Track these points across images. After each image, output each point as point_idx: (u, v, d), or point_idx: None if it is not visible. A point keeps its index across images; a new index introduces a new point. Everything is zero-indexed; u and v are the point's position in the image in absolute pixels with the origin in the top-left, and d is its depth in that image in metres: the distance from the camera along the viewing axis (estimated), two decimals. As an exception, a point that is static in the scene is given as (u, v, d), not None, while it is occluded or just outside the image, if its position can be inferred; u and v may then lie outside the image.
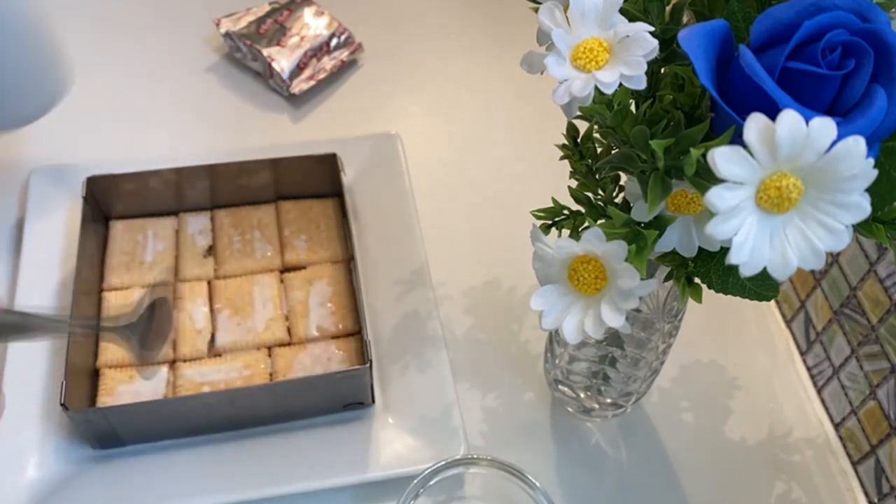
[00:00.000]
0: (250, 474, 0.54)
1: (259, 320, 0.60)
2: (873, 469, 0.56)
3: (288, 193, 0.67)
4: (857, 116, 0.32)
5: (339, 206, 0.66)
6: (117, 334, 0.48)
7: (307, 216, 0.66)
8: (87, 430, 0.53)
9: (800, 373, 0.63)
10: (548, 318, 0.38)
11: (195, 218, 0.65)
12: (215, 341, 0.59)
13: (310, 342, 0.60)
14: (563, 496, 0.56)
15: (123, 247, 0.63)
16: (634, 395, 0.56)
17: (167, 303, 0.53)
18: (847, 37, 0.32)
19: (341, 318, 0.61)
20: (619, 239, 0.36)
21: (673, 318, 0.50)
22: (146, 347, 0.50)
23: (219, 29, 0.78)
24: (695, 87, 0.37)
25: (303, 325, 0.60)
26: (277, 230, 0.65)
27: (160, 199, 0.64)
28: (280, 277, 0.63)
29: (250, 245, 0.64)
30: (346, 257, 0.64)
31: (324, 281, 0.62)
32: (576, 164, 0.44)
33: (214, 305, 0.61)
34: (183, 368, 0.58)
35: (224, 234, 0.65)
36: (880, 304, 0.54)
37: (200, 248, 0.64)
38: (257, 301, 0.61)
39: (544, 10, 0.36)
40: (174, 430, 0.55)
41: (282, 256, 0.64)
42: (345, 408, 0.57)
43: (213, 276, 0.63)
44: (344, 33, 0.80)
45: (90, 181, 0.61)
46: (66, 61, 0.62)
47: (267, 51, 0.77)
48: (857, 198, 0.30)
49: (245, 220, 0.65)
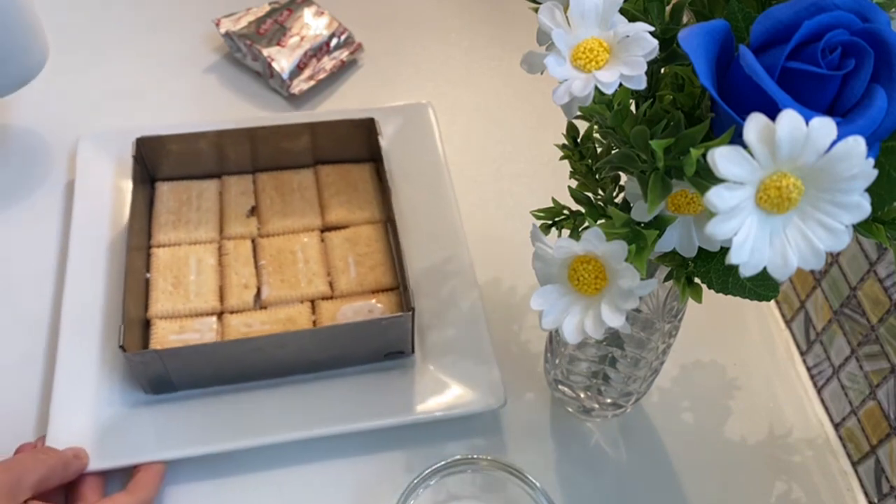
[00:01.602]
0: (297, 416, 0.56)
1: (302, 276, 0.62)
2: (873, 469, 0.56)
3: (326, 158, 0.69)
4: (857, 116, 0.32)
5: (375, 171, 0.69)
6: None
7: (345, 179, 0.69)
8: (143, 374, 0.55)
9: (800, 373, 0.63)
10: (548, 318, 0.38)
11: (238, 180, 0.68)
12: (261, 295, 0.61)
13: (351, 296, 0.62)
14: (563, 496, 0.56)
15: (170, 206, 0.66)
16: (634, 395, 0.56)
17: None
18: (847, 37, 0.32)
19: (380, 274, 0.63)
20: (619, 239, 0.36)
21: (673, 318, 0.50)
22: None
23: (219, 29, 0.78)
24: (695, 87, 0.37)
25: (344, 280, 0.62)
26: (317, 192, 0.68)
27: (204, 161, 0.67)
28: (321, 237, 0.66)
29: (291, 206, 0.67)
30: (383, 218, 0.66)
31: (362, 240, 0.65)
32: (576, 164, 0.44)
33: (259, 262, 0.63)
34: (230, 319, 0.60)
35: (266, 195, 0.67)
36: (880, 304, 0.54)
37: (244, 208, 0.66)
38: (299, 258, 0.63)
39: (544, 10, 0.36)
40: (224, 376, 0.57)
41: (322, 217, 0.66)
42: (386, 357, 0.59)
43: (257, 234, 0.65)
44: (344, 33, 0.80)
45: (139, 142, 0.64)
46: (41, 40, 0.64)
47: (267, 51, 0.77)
48: (857, 198, 0.30)
49: (286, 183, 0.68)
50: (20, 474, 0.47)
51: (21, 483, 0.46)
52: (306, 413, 0.56)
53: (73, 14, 0.83)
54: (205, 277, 0.62)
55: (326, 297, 0.62)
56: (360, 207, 0.67)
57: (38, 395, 0.57)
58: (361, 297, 0.62)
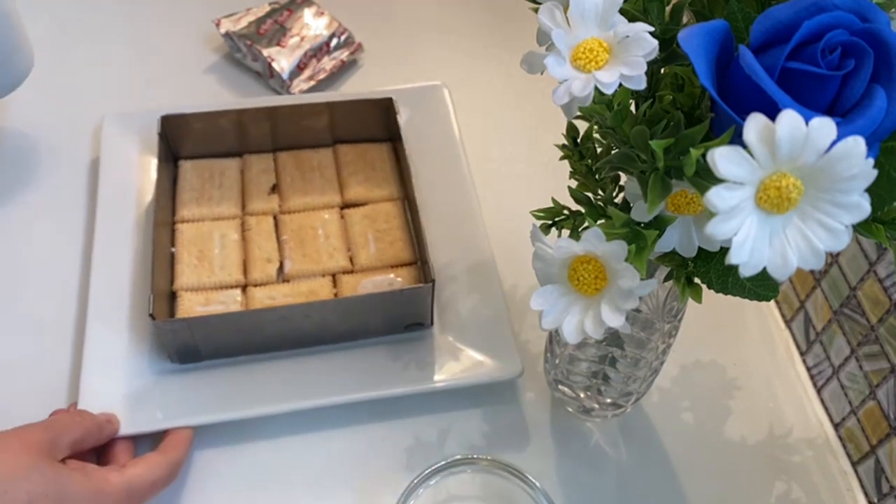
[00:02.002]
0: (320, 384, 0.58)
1: (323, 251, 0.64)
2: (873, 469, 0.56)
3: (344, 137, 0.71)
4: (857, 116, 0.32)
5: (393, 151, 0.71)
6: None
7: (363, 159, 0.70)
8: (171, 342, 0.56)
9: (799, 373, 0.63)
10: (548, 317, 0.38)
11: (259, 159, 0.70)
12: (283, 269, 0.63)
13: (370, 270, 0.64)
14: (563, 496, 0.56)
15: (193, 184, 0.67)
16: (634, 395, 0.56)
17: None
18: (847, 37, 0.32)
19: (399, 249, 0.65)
20: (619, 239, 0.36)
21: (673, 318, 0.50)
22: None
23: (219, 29, 0.78)
24: (695, 87, 0.37)
25: (364, 255, 0.64)
26: (336, 171, 0.69)
27: (226, 140, 0.69)
28: (340, 214, 0.67)
29: (311, 184, 0.68)
30: (401, 196, 0.68)
31: (381, 217, 0.67)
32: (576, 164, 0.44)
33: (281, 237, 0.65)
34: (254, 292, 0.61)
35: (287, 174, 0.69)
36: (880, 303, 0.54)
37: (265, 185, 0.68)
38: (320, 234, 0.65)
39: (544, 11, 0.36)
40: (249, 346, 0.59)
41: (341, 194, 0.68)
42: (406, 328, 0.60)
43: (279, 210, 0.67)
44: (344, 34, 0.80)
45: (164, 119, 0.65)
46: (26, 49, 0.64)
47: (267, 51, 0.77)
48: (856, 198, 0.30)
49: (305, 161, 0.70)
50: (58, 433, 0.48)
51: (59, 442, 0.48)
52: (329, 381, 0.58)
53: (72, 13, 0.83)
54: (228, 252, 0.63)
55: (347, 271, 0.64)
56: (379, 185, 0.68)
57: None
58: (381, 272, 0.63)
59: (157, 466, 0.51)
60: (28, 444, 0.46)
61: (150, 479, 0.50)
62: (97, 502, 0.47)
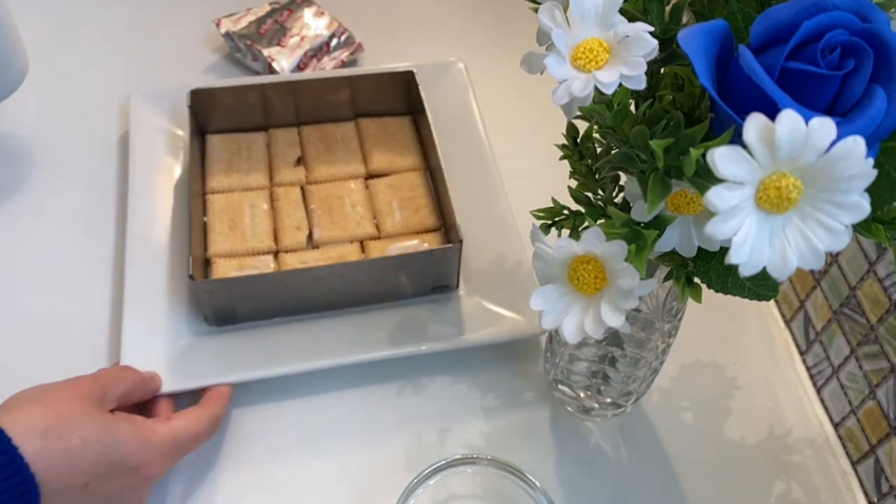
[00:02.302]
0: (351, 343, 0.60)
1: (350, 218, 0.66)
2: (873, 469, 0.56)
3: (366, 111, 0.73)
4: (857, 116, 0.32)
5: (413, 123, 0.73)
6: None
7: (385, 131, 0.72)
8: (209, 304, 0.58)
9: (799, 373, 0.63)
10: (548, 317, 0.39)
11: (284, 132, 0.71)
12: (313, 236, 0.65)
13: (397, 236, 0.66)
14: (562, 496, 0.56)
15: (221, 156, 0.69)
16: (634, 394, 0.56)
17: None
18: (846, 37, 0.32)
19: (424, 216, 0.66)
20: (618, 239, 0.36)
21: (673, 317, 0.50)
22: None
23: (219, 29, 0.78)
24: (694, 87, 0.37)
25: (390, 222, 0.66)
26: (359, 143, 0.71)
27: (251, 115, 0.70)
28: (365, 184, 0.69)
29: (336, 155, 0.70)
30: (423, 166, 0.70)
31: (405, 186, 0.68)
32: (576, 164, 0.44)
33: (309, 206, 0.67)
34: (286, 258, 0.63)
35: (311, 146, 0.71)
36: (880, 303, 0.54)
37: (291, 158, 0.70)
38: (347, 202, 0.67)
39: (544, 10, 0.36)
40: (283, 308, 0.61)
41: (366, 165, 0.70)
42: (433, 290, 0.62)
43: (305, 181, 0.68)
44: (344, 34, 0.80)
45: (193, 93, 0.67)
46: (20, 56, 0.65)
47: (267, 51, 0.77)
48: (856, 198, 0.30)
49: (329, 134, 0.72)
50: (106, 385, 0.50)
51: (107, 393, 0.50)
52: (360, 340, 0.60)
53: (72, 12, 0.83)
54: (259, 220, 0.65)
55: (374, 237, 0.65)
56: (401, 156, 0.70)
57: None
58: (407, 237, 0.65)
59: (200, 420, 0.53)
60: (79, 394, 0.48)
61: (193, 431, 0.53)
62: (145, 450, 0.49)
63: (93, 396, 0.49)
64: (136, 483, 0.49)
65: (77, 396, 0.48)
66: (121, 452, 0.47)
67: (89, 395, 0.48)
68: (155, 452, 0.50)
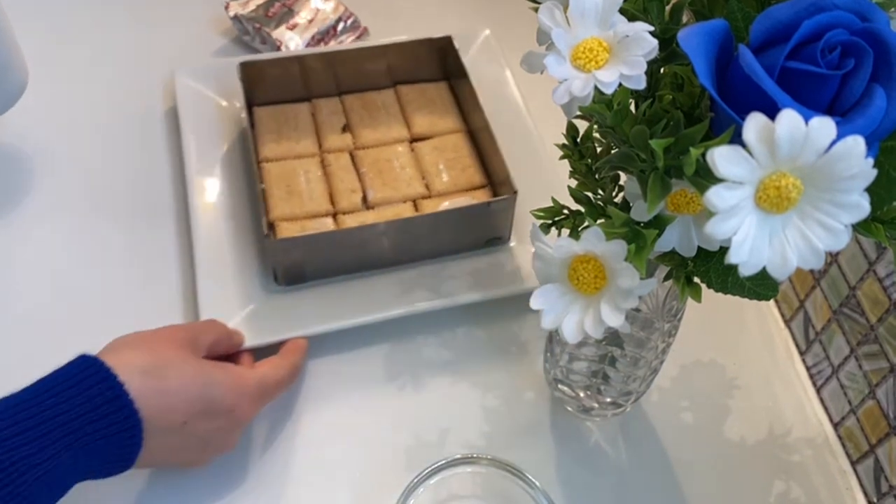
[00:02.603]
0: (414, 294, 0.63)
1: (400, 179, 0.69)
2: (872, 468, 0.56)
3: (403, 79, 0.76)
4: (857, 116, 0.32)
5: (449, 89, 0.76)
6: None
7: (424, 96, 0.75)
8: (282, 262, 0.62)
9: (799, 372, 0.63)
10: (548, 317, 0.39)
11: (326, 102, 0.74)
12: (367, 197, 0.67)
13: (447, 194, 0.68)
14: (562, 496, 0.56)
15: (270, 127, 0.71)
16: (634, 394, 0.56)
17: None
18: (846, 36, 0.32)
19: (471, 175, 0.69)
20: (618, 238, 0.36)
21: (672, 317, 0.50)
22: None
23: (227, 12, 0.80)
24: (694, 87, 0.37)
25: (438, 181, 0.69)
26: (400, 108, 0.74)
27: (295, 86, 0.73)
28: (410, 147, 0.72)
29: (379, 121, 0.73)
30: (463, 128, 0.73)
31: (449, 147, 0.71)
32: (576, 163, 0.44)
33: (360, 169, 0.69)
34: (344, 219, 0.66)
35: (355, 113, 0.73)
36: (879, 303, 0.54)
37: (337, 126, 0.72)
38: (395, 165, 0.70)
39: (544, 10, 0.36)
40: (347, 264, 0.64)
41: (409, 129, 0.73)
42: (486, 243, 0.66)
43: (353, 147, 0.71)
44: (350, 17, 0.82)
45: (243, 66, 0.69)
46: (21, 64, 0.64)
47: (276, 33, 0.78)
48: (856, 197, 0.30)
49: (370, 102, 0.74)
50: (197, 334, 0.54)
51: (198, 341, 0.53)
52: (422, 291, 0.63)
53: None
54: (314, 186, 0.67)
55: (425, 196, 0.68)
56: (442, 119, 0.73)
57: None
58: (456, 195, 0.68)
59: (282, 368, 0.56)
60: (175, 339, 0.51)
61: (276, 377, 0.55)
62: (236, 392, 0.52)
63: (186, 342, 0.51)
64: (228, 425, 0.51)
65: (172, 341, 0.51)
66: (214, 394, 0.50)
67: (183, 341, 0.51)
68: (245, 395, 0.52)
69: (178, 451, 0.50)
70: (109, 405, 0.44)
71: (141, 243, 0.67)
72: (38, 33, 0.78)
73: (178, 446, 0.49)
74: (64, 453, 0.42)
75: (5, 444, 0.41)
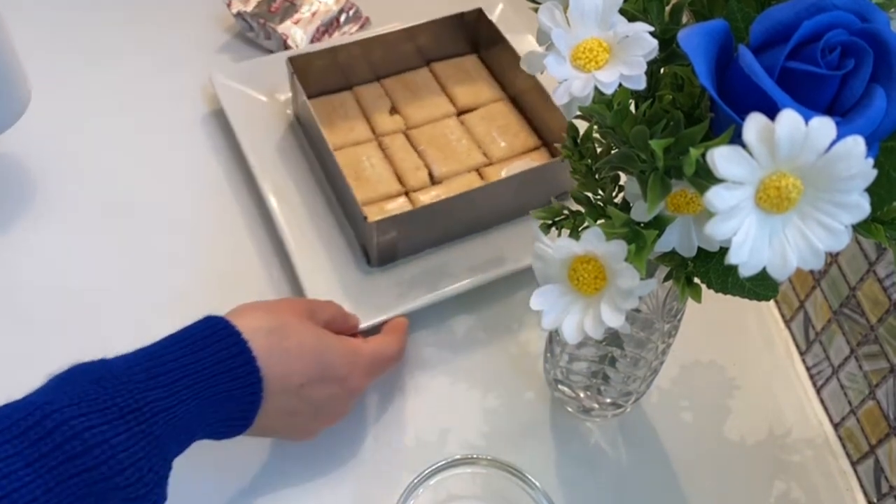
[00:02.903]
0: (502, 257, 0.65)
1: (459, 152, 0.71)
2: (872, 469, 0.56)
3: (434, 56, 0.78)
4: (857, 116, 0.32)
5: (479, 60, 0.79)
6: None
7: (460, 70, 0.78)
8: (377, 244, 0.63)
9: (799, 373, 0.63)
10: (548, 317, 0.38)
11: (368, 88, 0.76)
12: (433, 173, 0.70)
13: (507, 159, 0.71)
14: (562, 496, 0.56)
15: (321, 118, 0.72)
16: (634, 394, 0.56)
17: None
18: (846, 37, 0.32)
19: (524, 138, 0.72)
20: (618, 239, 0.36)
21: (672, 317, 0.50)
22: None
23: (230, 10, 0.80)
24: (694, 87, 0.37)
25: (496, 148, 0.72)
26: (440, 85, 0.77)
27: (337, 75, 0.75)
28: (459, 120, 0.74)
29: (424, 100, 0.75)
30: (503, 96, 0.76)
31: (496, 116, 0.74)
32: (576, 164, 0.44)
33: (418, 147, 0.71)
34: (417, 196, 0.68)
35: (398, 95, 0.76)
36: (879, 303, 0.54)
37: (384, 109, 0.75)
38: (451, 139, 0.72)
39: (544, 10, 0.36)
40: (434, 237, 0.66)
41: (453, 103, 0.75)
42: (556, 198, 0.67)
43: (405, 127, 0.73)
44: (352, 8, 0.82)
45: (292, 60, 0.70)
46: (21, 86, 0.64)
47: (281, 28, 0.79)
48: (856, 198, 0.30)
49: (410, 83, 0.77)
50: (316, 308, 0.55)
51: (316, 314, 0.55)
52: (508, 252, 0.66)
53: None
54: (379, 169, 0.69)
55: (487, 164, 0.71)
56: (482, 90, 0.76)
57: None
58: (515, 159, 0.71)
59: (391, 345, 0.58)
60: (295, 308, 0.53)
61: (387, 353, 0.57)
62: (350, 361, 0.53)
63: (305, 312, 0.53)
64: (341, 393, 0.53)
65: (292, 309, 0.53)
66: (331, 360, 0.52)
67: (302, 311, 0.53)
68: (359, 365, 0.54)
69: (291, 415, 0.51)
70: (233, 360, 0.47)
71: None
72: (37, 44, 0.78)
73: (292, 410, 0.51)
74: (191, 402, 0.45)
75: (139, 387, 0.43)
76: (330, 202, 0.69)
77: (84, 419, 0.40)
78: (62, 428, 0.40)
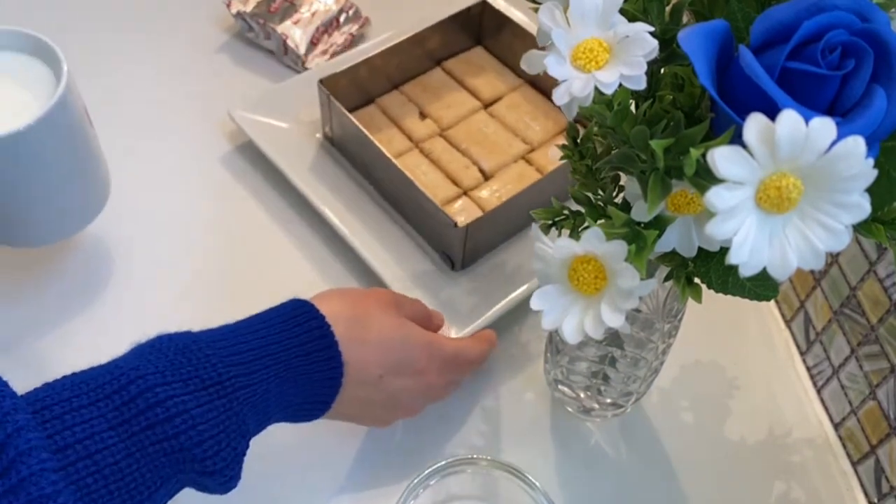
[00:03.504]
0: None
1: (501, 143, 0.71)
2: (873, 469, 0.56)
3: (442, 56, 0.78)
4: (857, 116, 0.32)
5: (485, 51, 0.79)
6: None
7: (470, 64, 0.78)
8: (462, 247, 0.63)
9: (799, 373, 0.63)
10: (548, 317, 0.38)
11: (389, 98, 0.75)
12: (483, 169, 0.70)
13: (546, 142, 0.72)
14: (563, 496, 0.56)
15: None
16: (634, 395, 0.56)
17: None
18: (847, 37, 0.32)
19: (556, 118, 0.73)
20: (618, 239, 0.36)
21: (673, 318, 0.50)
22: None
23: (230, 10, 0.80)
24: (695, 87, 0.37)
25: (531, 133, 0.72)
26: (458, 82, 0.76)
27: (359, 90, 0.74)
28: (488, 113, 0.74)
29: (447, 100, 0.75)
30: (520, 83, 0.76)
31: (521, 102, 0.74)
32: (576, 164, 0.44)
33: (460, 147, 0.71)
34: (476, 194, 0.68)
35: (422, 99, 0.75)
36: (880, 303, 0.54)
37: (413, 115, 0.74)
38: (489, 132, 0.72)
39: (544, 10, 0.36)
40: (506, 231, 0.66)
41: (477, 98, 0.75)
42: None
43: (439, 130, 0.73)
44: (351, 8, 0.82)
45: (323, 82, 0.69)
46: (102, 182, 0.61)
47: (281, 28, 0.79)
48: (856, 198, 0.30)
49: (427, 86, 0.76)
50: (400, 301, 0.55)
51: (401, 307, 0.54)
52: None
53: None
54: (431, 176, 0.69)
55: (530, 150, 0.71)
56: (499, 80, 0.76)
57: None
58: (555, 139, 0.71)
59: (474, 348, 0.57)
60: (381, 299, 0.53)
61: (468, 355, 0.56)
62: (430, 353, 0.53)
63: (389, 303, 0.53)
64: (416, 387, 0.53)
65: (377, 299, 0.52)
66: (410, 352, 0.52)
67: (387, 302, 0.53)
68: (437, 360, 0.53)
69: (368, 405, 0.51)
70: (316, 343, 0.47)
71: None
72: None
73: (369, 400, 0.51)
74: (272, 381, 0.44)
75: (224, 361, 0.42)
76: (390, 216, 0.68)
77: (168, 388, 0.40)
78: (146, 395, 0.39)
